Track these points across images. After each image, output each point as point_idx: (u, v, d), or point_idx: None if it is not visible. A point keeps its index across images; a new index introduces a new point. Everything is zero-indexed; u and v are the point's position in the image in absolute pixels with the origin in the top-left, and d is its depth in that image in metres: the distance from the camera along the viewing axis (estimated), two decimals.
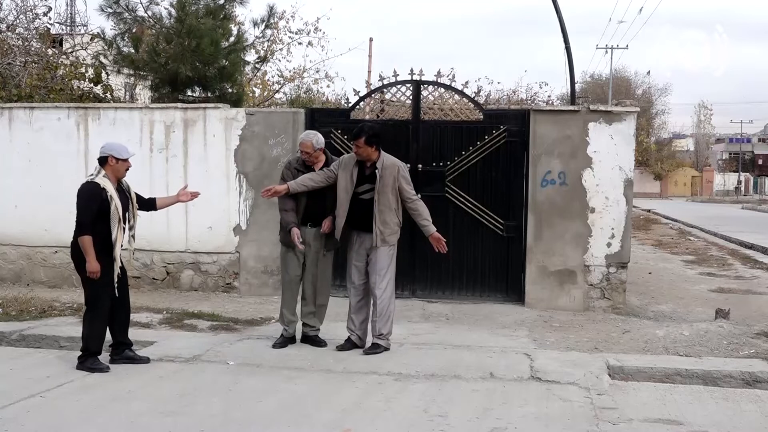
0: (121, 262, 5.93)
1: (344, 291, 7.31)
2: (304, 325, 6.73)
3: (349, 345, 6.55)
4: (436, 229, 6.43)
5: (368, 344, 6.49)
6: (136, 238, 6.12)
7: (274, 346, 6.53)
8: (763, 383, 5.72)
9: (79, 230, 5.70)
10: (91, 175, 5.84)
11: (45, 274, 9.57)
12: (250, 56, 13.29)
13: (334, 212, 6.46)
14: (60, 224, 9.42)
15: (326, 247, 6.61)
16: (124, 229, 5.82)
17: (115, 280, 5.84)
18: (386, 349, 6.42)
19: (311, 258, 6.58)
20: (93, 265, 5.68)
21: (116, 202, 5.72)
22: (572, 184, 8.48)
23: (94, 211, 5.68)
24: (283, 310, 6.64)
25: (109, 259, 5.75)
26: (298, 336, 6.74)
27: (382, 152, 6.41)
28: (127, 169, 5.91)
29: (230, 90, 11.78)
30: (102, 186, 5.72)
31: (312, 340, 6.70)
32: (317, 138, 6.55)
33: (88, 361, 5.86)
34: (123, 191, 5.93)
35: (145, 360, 6.05)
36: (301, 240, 6.39)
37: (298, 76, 17.51)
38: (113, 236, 5.73)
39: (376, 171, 6.30)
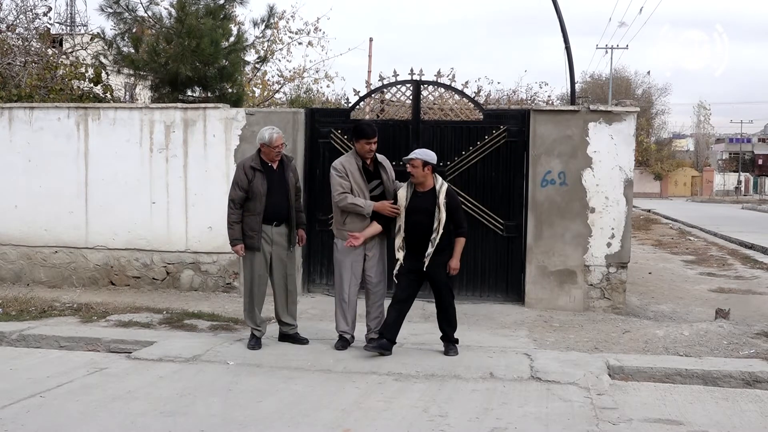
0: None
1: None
2: (282, 324, 6.75)
3: (342, 344, 6.55)
4: None
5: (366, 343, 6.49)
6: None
7: (251, 348, 6.50)
8: (763, 383, 5.72)
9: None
10: None
11: (45, 274, 9.57)
12: (250, 56, 13.28)
13: (297, 218, 6.65)
14: (60, 224, 9.47)
15: (291, 244, 6.67)
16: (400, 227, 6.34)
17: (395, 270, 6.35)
18: None
19: (278, 257, 6.59)
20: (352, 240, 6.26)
21: (400, 203, 6.32)
22: (572, 184, 8.49)
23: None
24: (255, 310, 6.60)
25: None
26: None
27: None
28: (413, 173, 6.30)
29: (230, 90, 11.77)
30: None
31: (293, 338, 6.73)
32: (281, 132, 6.65)
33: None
34: (432, 195, 6.37)
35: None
36: (256, 249, 6.46)
37: (298, 76, 17.54)
38: (392, 233, 6.41)
39: (379, 165, 6.46)
